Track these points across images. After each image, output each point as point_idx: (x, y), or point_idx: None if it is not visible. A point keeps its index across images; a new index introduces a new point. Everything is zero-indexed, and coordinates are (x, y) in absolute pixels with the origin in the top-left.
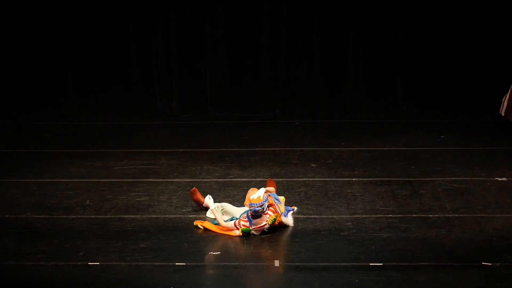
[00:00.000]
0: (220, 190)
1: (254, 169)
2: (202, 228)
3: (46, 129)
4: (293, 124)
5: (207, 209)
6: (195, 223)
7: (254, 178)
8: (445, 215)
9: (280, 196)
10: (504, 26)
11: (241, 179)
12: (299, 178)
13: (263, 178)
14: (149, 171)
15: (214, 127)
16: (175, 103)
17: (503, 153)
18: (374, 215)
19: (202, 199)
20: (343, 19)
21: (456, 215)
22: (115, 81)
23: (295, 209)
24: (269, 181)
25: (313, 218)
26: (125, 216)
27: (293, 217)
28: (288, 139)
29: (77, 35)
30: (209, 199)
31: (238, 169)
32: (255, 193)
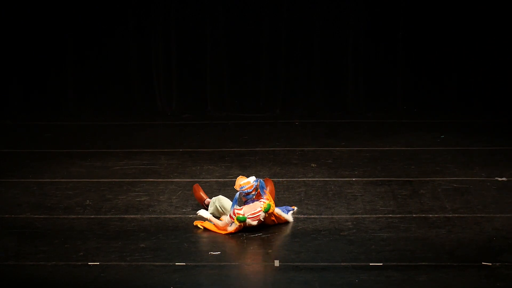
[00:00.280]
0: (220, 190)
1: (254, 169)
2: (202, 228)
3: (46, 129)
4: (293, 124)
5: (207, 207)
6: (195, 223)
7: None
8: (445, 215)
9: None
10: (504, 26)
11: None
12: (299, 178)
13: (263, 178)
14: (149, 171)
15: (214, 127)
16: (175, 103)
17: (503, 153)
18: (374, 215)
19: (205, 196)
20: (343, 19)
21: (456, 215)
22: (115, 81)
23: (295, 209)
24: (266, 180)
25: (313, 218)
26: (125, 216)
27: (293, 217)
28: (288, 139)
29: (77, 35)
30: (204, 212)
31: (238, 169)
32: (245, 179)
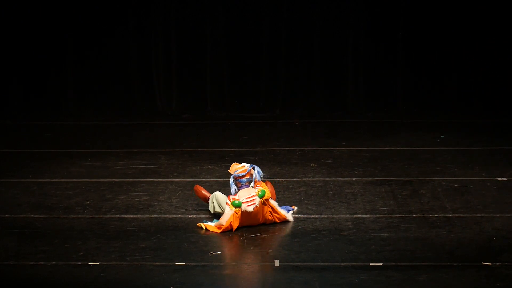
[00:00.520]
0: (220, 190)
1: None
2: (204, 229)
3: (46, 129)
4: (293, 124)
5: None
6: (199, 224)
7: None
8: (445, 215)
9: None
10: (504, 26)
11: None
12: (299, 178)
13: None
14: (149, 171)
15: (214, 127)
16: (175, 103)
17: (503, 153)
18: (374, 215)
19: (208, 194)
20: (343, 19)
21: (456, 215)
22: (115, 81)
23: (295, 208)
24: (266, 183)
25: (313, 218)
26: (125, 216)
27: (293, 217)
28: (288, 139)
29: (77, 35)
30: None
31: None
32: (239, 165)
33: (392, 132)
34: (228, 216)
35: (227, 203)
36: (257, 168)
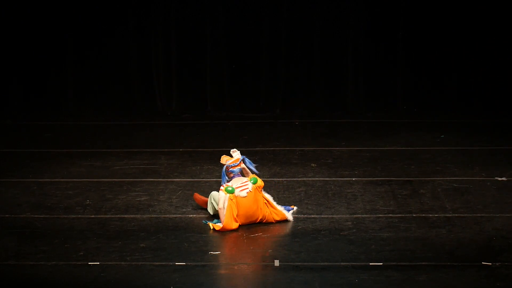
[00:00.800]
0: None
1: None
2: (212, 229)
3: (46, 129)
4: (293, 124)
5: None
6: (209, 223)
7: None
8: (445, 215)
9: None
10: (504, 26)
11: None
12: (299, 178)
13: (263, 178)
14: (149, 171)
15: (214, 127)
16: (175, 103)
17: (503, 153)
18: (374, 215)
19: (206, 198)
20: (343, 19)
21: (456, 215)
22: (115, 81)
23: (294, 208)
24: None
25: (313, 218)
26: (125, 216)
27: (293, 217)
28: (288, 139)
29: (77, 35)
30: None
31: None
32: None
33: (392, 132)
34: (223, 199)
35: (220, 189)
36: (247, 159)
